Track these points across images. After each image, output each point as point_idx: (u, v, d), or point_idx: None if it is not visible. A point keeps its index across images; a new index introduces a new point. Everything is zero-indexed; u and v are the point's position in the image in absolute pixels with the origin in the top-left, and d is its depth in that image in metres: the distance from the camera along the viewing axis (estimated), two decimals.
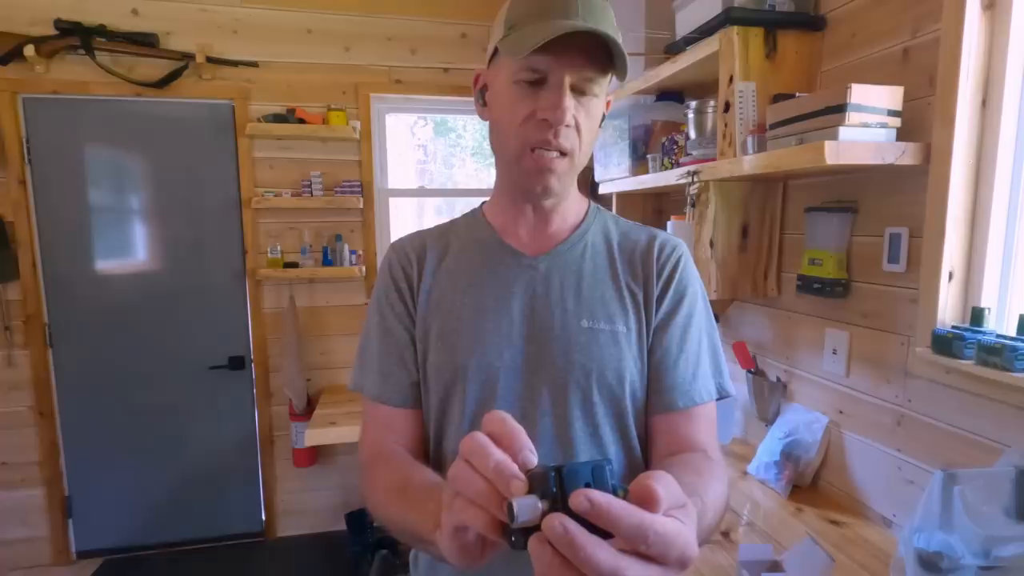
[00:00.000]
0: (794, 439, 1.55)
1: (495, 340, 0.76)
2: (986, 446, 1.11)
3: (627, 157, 2.01)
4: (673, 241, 0.84)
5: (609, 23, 0.69)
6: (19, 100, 2.44)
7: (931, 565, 0.94)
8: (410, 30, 2.72)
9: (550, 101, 0.68)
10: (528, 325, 0.77)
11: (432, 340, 0.79)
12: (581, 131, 0.72)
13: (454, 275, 0.81)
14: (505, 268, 0.80)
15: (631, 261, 0.81)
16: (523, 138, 0.72)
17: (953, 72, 1.12)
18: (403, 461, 0.74)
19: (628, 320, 0.78)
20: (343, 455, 2.88)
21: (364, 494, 0.75)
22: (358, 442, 0.83)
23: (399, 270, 0.83)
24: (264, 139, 2.64)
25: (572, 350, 0.75)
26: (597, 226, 0.84)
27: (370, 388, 0.81)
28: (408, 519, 0.61)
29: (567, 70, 0.68)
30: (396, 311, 0.81)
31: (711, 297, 1.61)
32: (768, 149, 1.32)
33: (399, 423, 0.80)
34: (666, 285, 0.80)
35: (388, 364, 0.80)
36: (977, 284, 1.17)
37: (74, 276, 2.58)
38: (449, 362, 0.77)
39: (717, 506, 0.64)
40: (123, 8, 2.46)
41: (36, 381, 2.56)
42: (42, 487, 2.62)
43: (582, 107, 0.71)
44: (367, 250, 2.80)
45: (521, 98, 0.70)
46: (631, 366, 0.77)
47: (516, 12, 0.71)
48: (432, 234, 0.86)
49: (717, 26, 1.46)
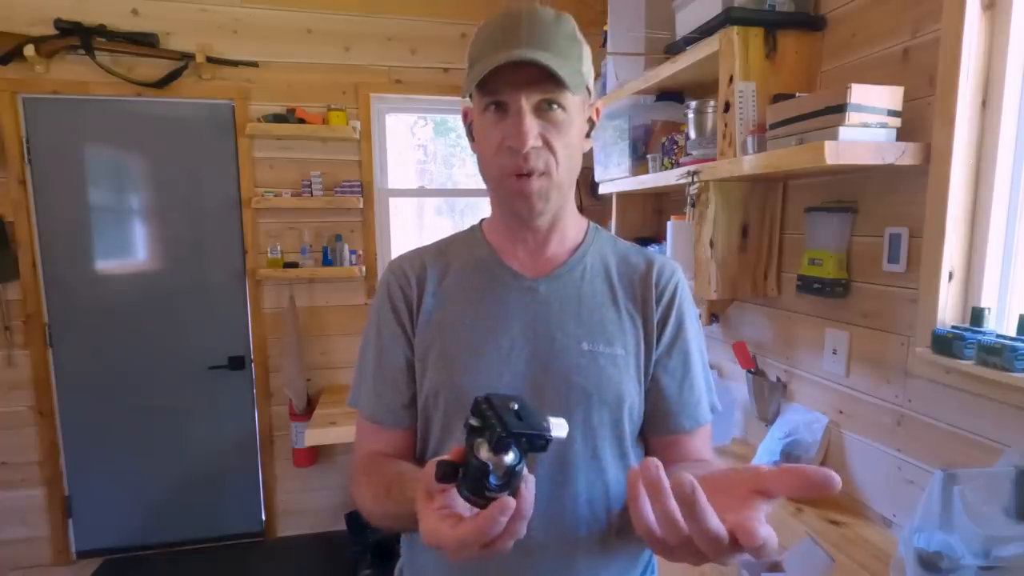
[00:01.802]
0: (794, 439, 1.55)
1: (495, 362, 0.78)
2: (986, 446, 1.11)
3: (627, 157, 2.02)
4: (671, 266, 0.86)
5: (557, 41, 0.71)
6: (19, 100, 2.44)
7: (931, 565, 0.94)
8: (410, 30, 2.72)
9: (513, 128, 0.71)
10: (528, 347, 0.79)
11: (432, 360, 0.80)
12: (554, 148, 0.73)
13: (455, 296, 0.82)
14: (505, 290, 0.81)
15: (630, 285, 0.83)
16: (499, 166, 0.74)
17: (953, 72, 1.12)
18: (385, 465, 0.78)
19: (627, 343, 0.80)
20: (343, 455, 2.88)
21: (355, 500, 0.79)
22: (352, 454, 0.87)
23: (398, 292, 0.84)
24: (264, 139, 2.64)
25: (572, 373, 0.77)
26: (595, 248, 0.86)
27: (364, 407, 0.84)
28: (393, 512, 0.69)
29: (522, 95, 0.70)
30: (393, 333, 0.83)
31: (711, 297, 1.62)
32: (768, 149, 1.32)
33: (390, 442, 0.83)
34: (667, 311, 0.82)
35: (382, 386, 0.83)
36: (977, 284, 1.17)
37: (74, 276, 2.58)
38: (448, 383, 0.78)
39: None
40: (123, 8, 2.46)
41: (36, 381, 2.56)
42: (42, 487, 2.62)
43: (550, 125, 0.73)
44: (367, 250, 2.80)
45: (491, 127, 0.74)
46: (630, 389, 0.79)
47: (473, 48, 0.75)
48: (431, 252, 0.87)
49: (717, 26, 1.46)
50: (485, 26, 0.75)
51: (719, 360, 2.01)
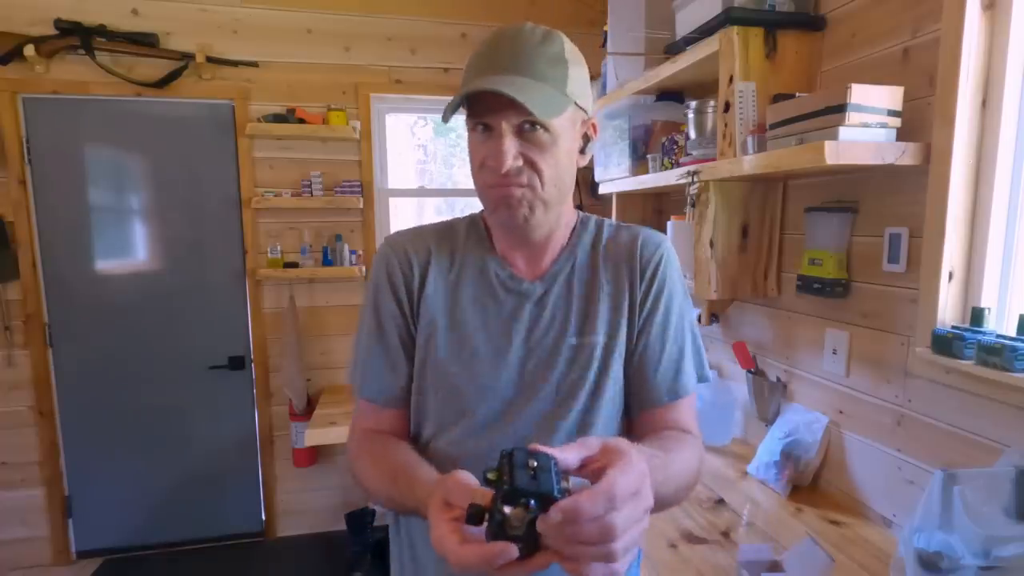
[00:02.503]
0: (794, 439, 1.55)
1: (493, 363, 0.81)
2: (986, 446, 1.11)
3: (627, 157, 2.01)
4: (656, 239, 0.87)
5: (537, 65, 0.73)
6: (19, 100, 2.44)
7: (931, 565, 0.94)
8: (410, 30, 2.72)
9: (493, 149, 0.74)
10: (524, 346, 0.82)
11: (432, 351, 0.82)
12: (538, 167, 0.75)
13: (460, 290, 0.84)
14: (506, 293, 0.84)
15: (616, 266, 0.85)
16: (483, 180, 0.78)
17: (953, 72, 1.12)
18: (388, 447, 0.80)
19: (615, 327, 0.82)
20: (343, 455, 2.88)
21: (353, 472, 0.82)
22: (349, 426, 0.89)
23: (397, 272, 0.85)
24: (264, 139, 2.64)
25: (559, 368, 0.80)
26: (586, 237, 0.88)
27: (360, 385, 0.86)
28: (397, 500, 0.73)
29: (502, 118, 0.72)
30: (389, 312, 0.85)
31: (711, 297, 1.62)
32: (768, 149, 1.32)
33: (386, 421, 0.86)
34: (650, 284, 0.84)
35: (379, 367, 0.85)
36: (977, 284, 1.17)
37: (74, 276, 2.58)
38: (446, 377, 0.81)
39: (684, 465, 0.73)
40: (123, 8, 2.46)
41: (36, 381, 2.56)
42: (42, 487, 2.62)
43: (533, 146, 0.74)
44: (367, 250, 2.80)
45: (477, 146, 0.77)
46: (616, 375, 0.82)
47: (463, 74, 0.78)
48: (433, 236, 0.88)
49: (717, 26, 1.46)
50: (476, 51, 0.77)
51: (719, 360, 2.01)
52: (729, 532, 1.34)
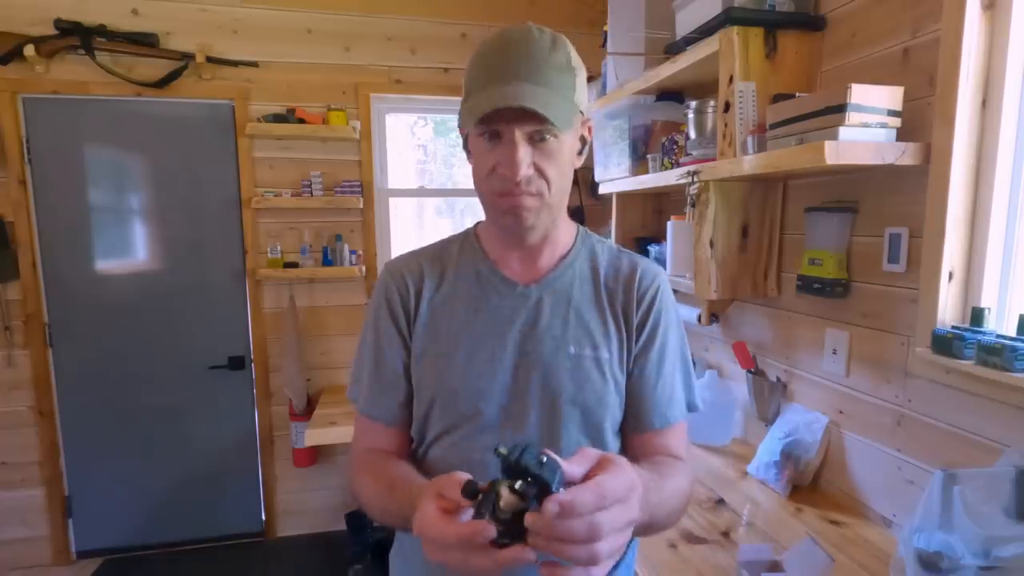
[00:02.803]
0: (794, 439, 1.55)
1: (488, 366, 0.81)
2: (986, 446, 1.11)
3: (627, 157, 2.01)
4: (653, 270, 0.89)
5: (550, 76, 0.73)
6: (19, 100, 2.44)
7: (931, 565, 0.94)
8: (410, 30, 2.72)
9: (506, 157, 0.74)
10: (519, 352, 0.82)
11: (426, 364, 0.84)
12: (546, 174, 0.76)
13: (451, 302, 0.85)
14: (499, 297, 0.84)
15: (615, 289, 0.87)
16: (491, 187, 0.78)
17: (953, 72, 1.12)
18: (389, 463, 0.81)
19: (611, 346, 0.84)
20: (343, 455, 2.88)
21: (353, 489, 0.84)
22: (352, 440, 0.92)
23: (396, 296, 0.86)
24: (264, 139, 2.64)
25: (559, 376, 0.81)
26: (585, 252, 0.89)
27: (362, 403, 0.88)
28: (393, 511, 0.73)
29: (516, 127, 0.73)
30: (389, 335, 0.86)
31: (711, 297, 1.62)
32: (768, 149, 1.32)
33: (385, 438, 0.88)
34: (646, 314, 0.85)
35: (379, 385, 0.86)
36: (977, 284, 1.17)
37: (74, 276, 2.58)
38: (442, 385, 0.82)
39: (677, 490, 0.75)
40: (123, 8, 2.46)
41: (36, 381, 2.56)
42: (42, 487, 2.62)
43: (543, 153, 0.75)
44: (367, 250, 2.80)
45: (485, 152, 0.77)
46: (612, 390, 0.83)
47: (471, 77, 0.77)
48: (427, 257, 0.90)
49: (717, 26, 1.46)
50: (482, 52, 0.76)
51: (719, 360, 2.01)
52: (729, 532, 1.34)
